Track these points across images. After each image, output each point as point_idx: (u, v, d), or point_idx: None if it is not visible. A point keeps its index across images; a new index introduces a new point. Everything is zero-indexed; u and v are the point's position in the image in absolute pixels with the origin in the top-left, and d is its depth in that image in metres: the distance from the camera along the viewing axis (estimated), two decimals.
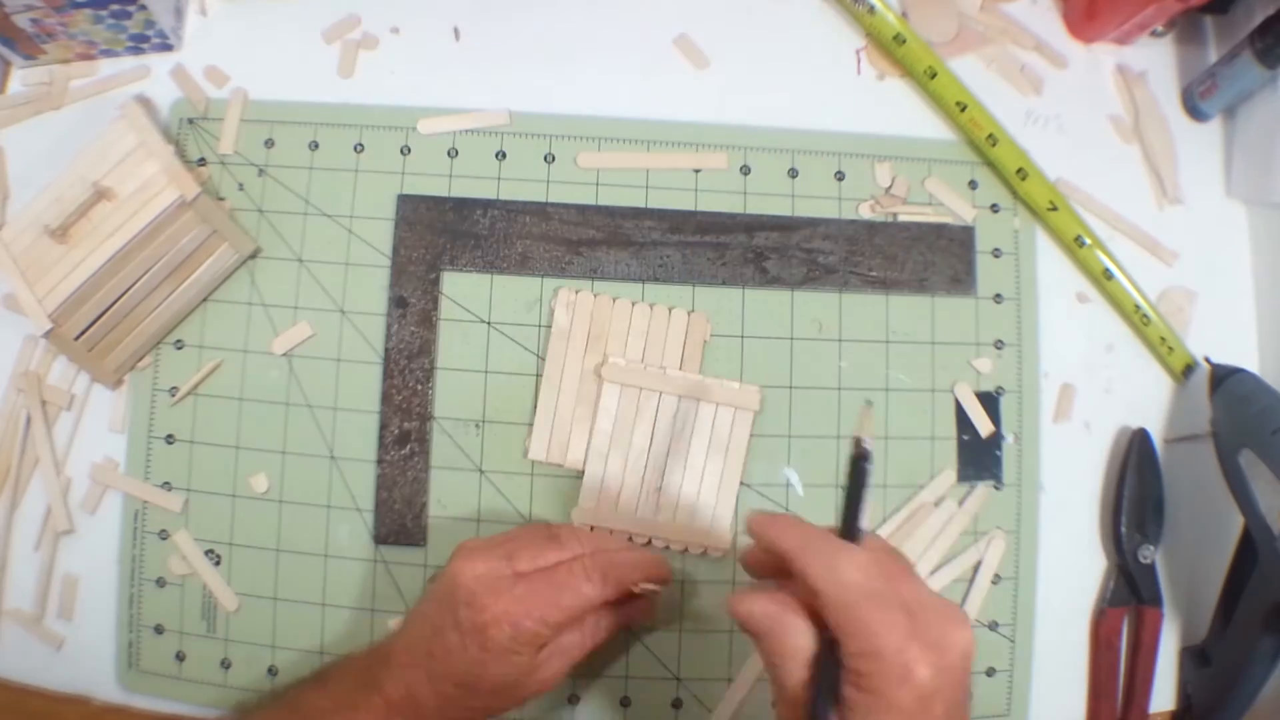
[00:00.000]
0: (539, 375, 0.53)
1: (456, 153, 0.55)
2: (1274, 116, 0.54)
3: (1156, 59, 0.59)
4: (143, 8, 0.52)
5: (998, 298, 0.55)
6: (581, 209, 0.54)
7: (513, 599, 0.41)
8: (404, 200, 0.54)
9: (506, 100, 0.56)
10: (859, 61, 0.58)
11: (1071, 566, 0.54)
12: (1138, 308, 0.55)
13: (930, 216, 0.55)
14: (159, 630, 0.52)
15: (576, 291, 0.53)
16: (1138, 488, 0.53)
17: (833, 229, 0.55)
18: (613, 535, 0.51)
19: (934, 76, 0.55)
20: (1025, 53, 0.59)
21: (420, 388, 0.53)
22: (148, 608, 0.52)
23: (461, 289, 0.54)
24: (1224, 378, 0.50)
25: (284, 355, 0.53)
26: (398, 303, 0.53)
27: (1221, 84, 0.55)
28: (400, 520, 0.52)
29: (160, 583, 0.52)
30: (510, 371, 0.53)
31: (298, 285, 0.54)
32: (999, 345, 0.55)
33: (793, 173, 0.56)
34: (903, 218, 0.55)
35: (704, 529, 0.51)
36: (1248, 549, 0.48)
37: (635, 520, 0.51)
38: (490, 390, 0.53)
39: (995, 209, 0.56)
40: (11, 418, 0.52)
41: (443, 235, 0.54)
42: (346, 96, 0.56)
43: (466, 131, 0.55)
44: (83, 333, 0.49)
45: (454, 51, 0.57)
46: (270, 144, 0.55)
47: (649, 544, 0.51)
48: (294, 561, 0.52)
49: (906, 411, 0.54)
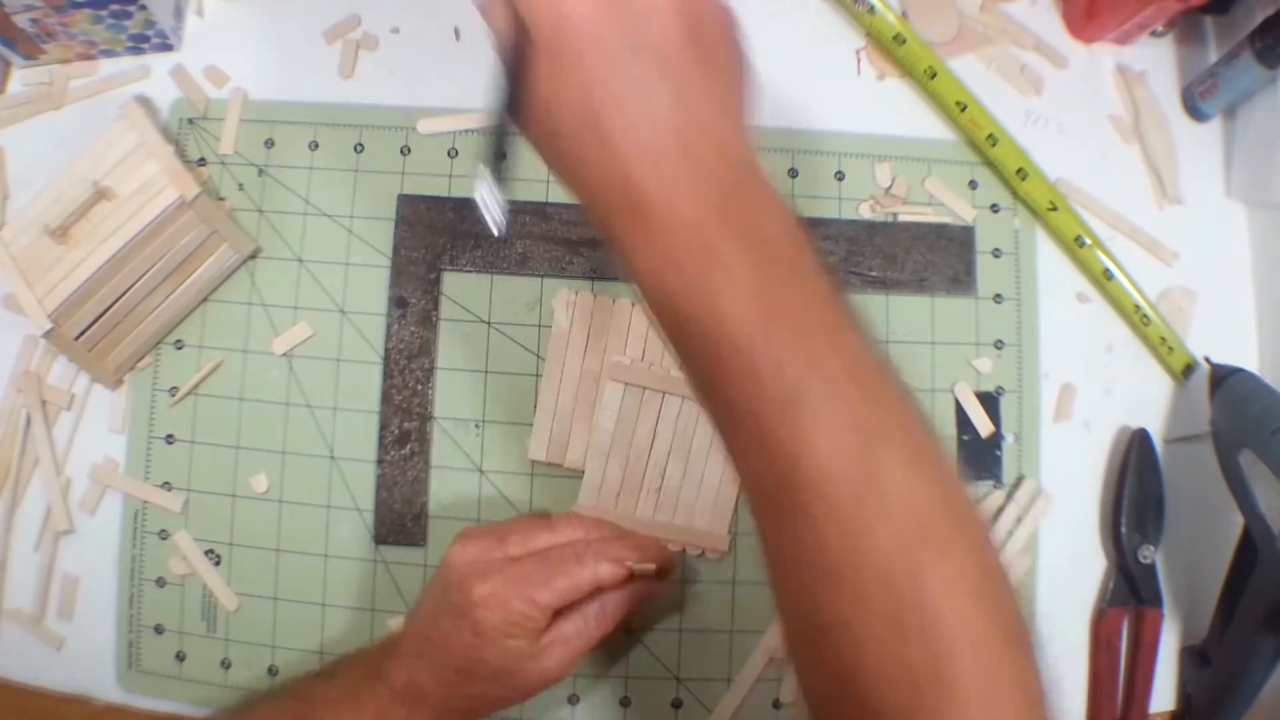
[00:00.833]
0: (539, 375, 0.52)
1: (456, 153, 0.55)
2: (1274, 116, 0.54)
3: (1156, 59, 0.59)
4: (143, 8, 0.52)
5: (998, 298, 0.55)
6: (581, 209, 0.54)
7: (503, 580, 0.42)
8: (404, 200, 0.54)
9: None
10: (859, 61, 0.58)
11: (1071, 566, 0.54)
12: (1138, 308, 0.55)
13: (930, 216, 0.55)
14: (159, 630, 0.52)
15: (576, 292, 0.53)
16: (1138, 488, 0.53)
17: (833, 229, 0.55)
18: (608, 522, 0.50)
19: (934, 76, 0.55)
20: (1025, 53, 0.59)
21: (420, 388, 0.53)
22: (148, 608, 0.52)
23: (461, 289, 0.54)
24: (1224, 378, 0.50)
25: (284, 355, 0.53)
26: (398, 303, 0.53)
27: (1221, 84, 0.55)
28: (400, 520, 0.52)
29: (160, 583, 0.52)
30: (510, 371, 0.53)
31: (298, 285, 0.54)
32: (999, 345, 0.55)
33: (793, 173, 0.56)
34: (903, 218, 0.55)
35: (703, 529, 0.51)
36: (1248, 549, 0.48)
37: (635, 520, 0.51)
38: (490, 390, 0.53)
39: (995, 209, 0.56)
40: (11, 418, 0.52)
41: (443, 235, 0.54)
42: (346, 96, 0.56)
43: (466, 131, 0.55)
44: (83, 333, 0.49)
45: (454, 51, 0.57)
46: (270, 144, 0.55)
47: None
48: (294, 561, 0.52)
49: None
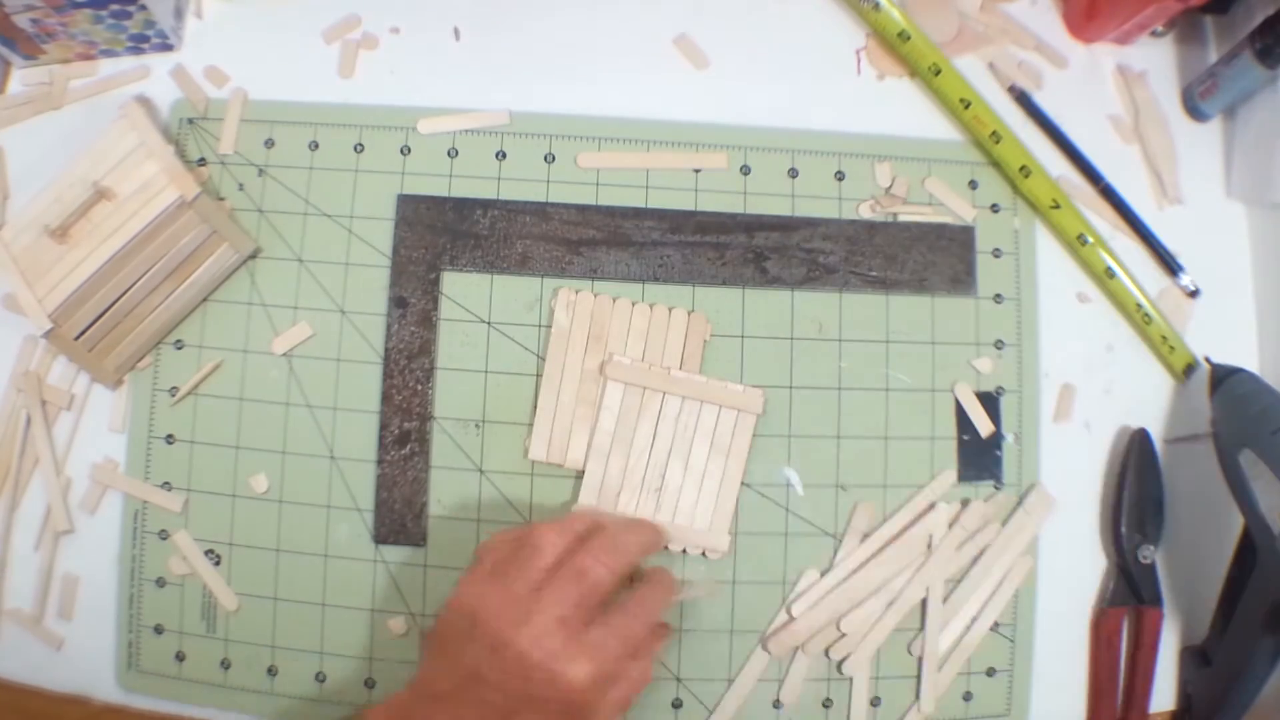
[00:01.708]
0: (539, 375, 0.52)
1: (456, 153, 0.55)
2: (1274, 116, 0.54)
3: (1156, 59, 0.59)
4: (143, 8, 0.52)
5: (998, 298, 0.55)
6: (581, 209, 0.54)
7: (597, 659, 0.40)
8: (404, 200, 0.54)
9: (506, 100, 0.56)
10: (859, 61, 0.58)
11: (1071, 566, 0.54)
12: (1139, 306, 0.55)
13: (930, 216, 0.55)
14: (159, 630, 0.52)
15: (576, 291, 0.53)
16: (1138, 488, 0.53)
17: (833, 229, 0.55)
18: (584, 516, 0.46)
19: (938, 73, 0.55)
20: (1025, 52, 0.59)
21: (420, 388, 0.53)
22: (148, 608, 0.52)
23: (461, 289, 0.54)
24: (1224, 378, 0.50)
25: (284, 355, 0.53)
26: (398, 303, 0.53)
27: (1221, 84, 0.55)
28: (400, 520, 0.52)
29: (160, 583, 0.52)
30: (510, 371, 0.53)
31: (298, 285, 0.54)
32: (999, 345, 0.55)
33: (793, 173, 0.56)
34: (903, 218, 0.55)
35: (703, 530, 0.51)
36: (1248, 549, 0.48)
37: None
38: (490, 390, 0.53)
39: (995, 209, 0.56)
40: (11, 418, 0.52)
41: (443, 235, 0.54)
42: (346, 96, 0.56)
43: (466, 131, 0.55)
44: (83, 333, 0.49)
45: (454, 51, 0.57)
46: (270, 144, 0.55)
47: None
48: (294, 561, 0.52)
49: (906, 411, 0.54)
